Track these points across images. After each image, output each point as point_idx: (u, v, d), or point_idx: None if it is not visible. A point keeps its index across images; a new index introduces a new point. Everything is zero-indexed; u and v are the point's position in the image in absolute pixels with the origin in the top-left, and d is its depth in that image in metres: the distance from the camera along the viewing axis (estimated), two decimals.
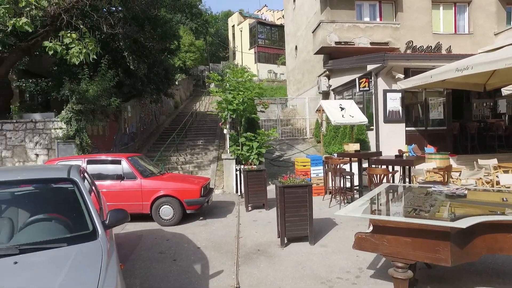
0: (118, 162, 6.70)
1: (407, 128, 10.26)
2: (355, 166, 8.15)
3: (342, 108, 9.17)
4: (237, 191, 9.43)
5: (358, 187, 7.75)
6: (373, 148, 10.31)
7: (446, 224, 2.41)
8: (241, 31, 39.94)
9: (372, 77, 10.24)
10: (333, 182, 7.39)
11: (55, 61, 11.63)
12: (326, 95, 13.99)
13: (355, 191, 7.59)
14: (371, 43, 12.38)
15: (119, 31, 9.94)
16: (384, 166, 6.48)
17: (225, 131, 10.54)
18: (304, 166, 8.77)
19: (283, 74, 33.57)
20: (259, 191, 7.51)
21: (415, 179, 7.14)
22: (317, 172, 8.85)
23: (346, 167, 8.22)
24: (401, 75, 9.68)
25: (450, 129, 10.60)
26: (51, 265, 2.10)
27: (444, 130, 10.58)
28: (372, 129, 10.38)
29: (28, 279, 1.95)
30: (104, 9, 11.01)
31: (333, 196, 7.64)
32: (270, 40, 39.08)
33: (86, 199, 2.72)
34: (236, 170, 9.47)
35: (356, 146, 8.37)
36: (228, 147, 10.15)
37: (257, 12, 49.07)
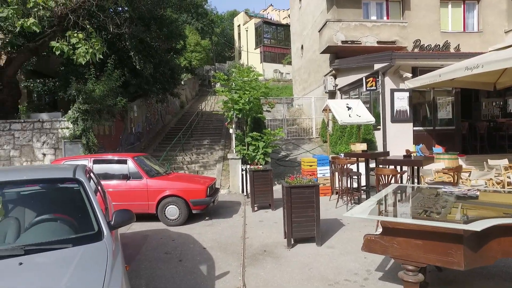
0: (124, 162, 6.70)
1: (415, 128, 10.14)
2: (362, 166, 8.06)
3: (349, 108, 9.08)
4: (243, 191, 9.39)
5: (365, 188, 7.67)
6: (380, 148, 10.20)
7: (460, 227, 2.33)
8: (246, 30, 39.92)
9: (379, 76, 10.12)
10: (340, 182, 7.32)
11: (62, 61, 11.70)
12: (332, 95, 13.88)
13: (362, 192, 7.51)
14: (378, 42, 12.26)
15: (125, 31, 9.97)
16: (392, 166, 6.38)
17: (231, 130, 10.50)
18: (311, 166, 8.70)
19: (288, 73, 33.47)
20: (265, 191, 7.47)
21: (423, 180, 7.03)
22: (323, 172, 8.77)
23: (353, 167, 8.14)
24: (409, 74, 9.56)
25: (458, 129, 10.44)
26: (56, 266, 2.08)
27: (452, 129, 10.43)
28: (379, 129, 10.28)
29: (32, 280, 1.93)
30: (111, 9, 11.04)
31: (340, 196, 7.56)
32: (275, 40, 38.99)
33: (91, 200, 2.70)
34: (242, 170, 9.43)
35: (363, 146, 8.28)
36: (234, 146, 10.11)
37: (263, 11, 49.02)
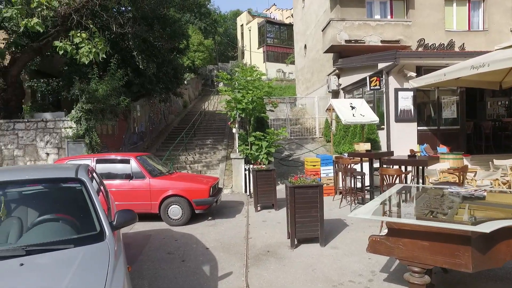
0: (127, 162, 6.68)
1: (419, 128, 10.06)
2: (365, 166, 8.00)
3: (352, 107, 9.02)
4: (246, 191, 9.36)
5: (369, 188, 7.61)
6: (384, 148, 10.13)
7: (468, 228, 2.28)
8: (249, 30, 39.86)
9: (383, 76, 10.06)
10: (344, 182, 7.27)
11: (66, 61, 11.71)
12: (335, 94, 13.82)
13: (365, 192, 7.46)
14: (382, 41, 12.19)
15: (129, 30, 9.97)
16: (396, 166, 6.32)
17: (234, 130, 10.46)
18: (314, 165, 8.65)
19: (292, 73, 33.37)
20: (268, 191, 7.43)
21: (428, 180, 6.96)
22: (327, 172, 8.72)
23: (357, 167, 8.08)
24: (413, 74, 9.49)
25: (463, 129, 10.35)
26: (57, 267, 2.06)
27: (457, 129, 10.34)
28: (383, 129, 10.21)
29: (33, 281, 1.91)
30: (114, 9, 11.03)
31: (344, 196, 7.51)
32: (279, 39, 38.92)
33: (93, 199, 2.68)
34: (245, 170, 9.40)
35: (367, 146, 8.21)
36: (237, 146, 10.08)
37: (266, 11, 48.90)
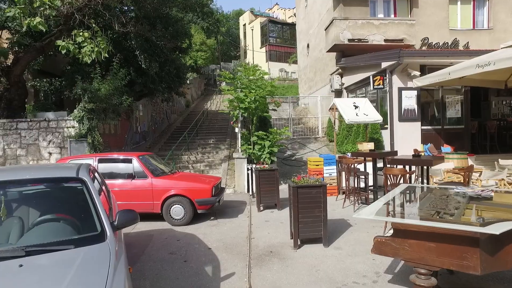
0: (129, 161, 6.65)
1: (423, 127, 9.97)
2: (369, 165, 7.93)
3: (356, 107, 8.96)
4: (248, 191, 9.32)
5: (372, 188, 7.55)
6: (387, 148, 10.05)
7: (477, 230, 2.22)
8: (252, 30, 39.81)
9: (387, 75, 9.98)
10: (347, 182, 7.21)
11: (69, 60, 11.73)
12: (338, 94, 13.75)
13: (369, 192, 7.39)
14: (385, 40, 12.10)
15: (131, 30, 9.95)
16: (400, 166, 6.26)
17: (236, 129, 10.42)
18: (317, 165, 8.60)
19: (294, 72, 33.30)
20: (271, 191, 7.38)
21: (432, 180, 6.89)
22: (330, 172, 8.66)
23: (360, 166, 8.02)
24: (417, 73, 9.40)
25: (468, 128, 10.26)
26: (56, 268, 2.02)
27: (461, 129, 10.25)
28: (387, 128, 10.13)
29: (32, 283, 1.87)
30: (116, 8, 11.03)
31: (347, 196, 7.46)
32: (281, 39, 38.84)
33: (94, 199, 2.64)
34: (248, 169, 9.36)
35: (371, 145, 8.15)
36: (240, 146, 10.04)
37: (268, 10, 48.88)
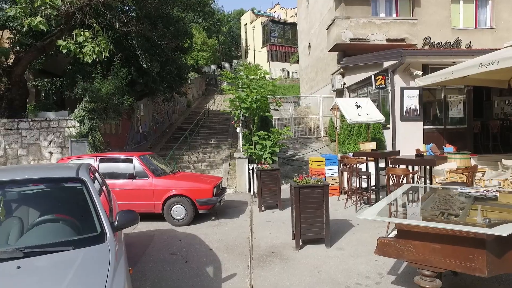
0: (130, 161, 6.62)
1: (425, 127, 9.93)
2: (371, 165, 7.88)
3: (358, 106, 8.92)
4: (250, 191, 9.28)
5: (374, 188, 7.51)
6: (389, 147, 10.01)
7: (484, 231, 2.18)
8: (253, 29, 39.77)
9: (389, 74, 9.93)
10: (349, 182, 7.17)
11: (70, 60, 11.71)
12: (340, 93, 13.70)
13: (371, 192, 7.35)
14: (387, 39, 12.05)
15: (132, 29, 9.92)
16: (402, 166, 6.21)
17: (237, 129, 10.38)
18: (319, 165, 8.56)
19: (295, 72, 33.24)
20: (273, 191, 7.34)
21: (434, 180, 6.84)
22: (332, 172, 8.62)
23: (362, 166, 7.97)
24: (419, 72, 9.35)
25: (470, 128, 10.20)
26: (55, 270, 1.99)
27: (464, 128, 10.19)
28: (388, 128, 10.08)
29: (30, 284, 1.84)
30: (117, 8, 10.99)
31: (349, 196, 7.41)
32: (282, 38, 38.79)
33: (94, 200, 2.61)
34: (249, 169, 9.32)
35: (373, 145, 8.10)
36: (241, 145, 10.00)
37: (270, 10, 48.83)
